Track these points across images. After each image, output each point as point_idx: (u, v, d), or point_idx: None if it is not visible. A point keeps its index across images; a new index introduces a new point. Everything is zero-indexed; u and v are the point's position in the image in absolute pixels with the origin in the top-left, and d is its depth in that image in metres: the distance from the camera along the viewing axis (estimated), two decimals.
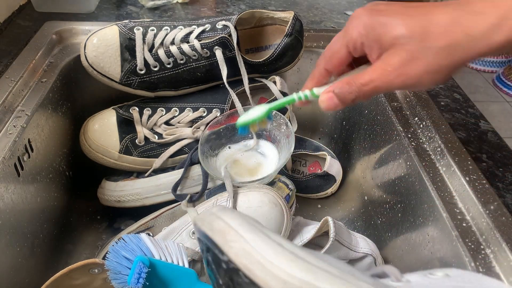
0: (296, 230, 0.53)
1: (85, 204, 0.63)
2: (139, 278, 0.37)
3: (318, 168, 0.69)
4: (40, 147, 0.53)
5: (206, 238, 0.23)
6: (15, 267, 0.46)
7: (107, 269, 0.40)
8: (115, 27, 0.56)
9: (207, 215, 0.25)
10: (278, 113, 0.56)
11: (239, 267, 0.20)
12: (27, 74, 0.56)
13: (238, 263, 0.20)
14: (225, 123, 0.57)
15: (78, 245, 0.59)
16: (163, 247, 0.42)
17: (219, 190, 0.52)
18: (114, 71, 0.56)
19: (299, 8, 0.83)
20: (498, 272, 0.38)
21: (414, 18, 0.31)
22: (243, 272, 0.20)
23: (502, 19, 0.28)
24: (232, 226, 0.22)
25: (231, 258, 0.20)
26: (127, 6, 0.79)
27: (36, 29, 0.67)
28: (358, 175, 0.66)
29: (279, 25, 0.63)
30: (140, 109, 0.58)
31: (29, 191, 0.50)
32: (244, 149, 0.58)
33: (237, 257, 0.20)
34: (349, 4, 0.86)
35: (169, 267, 0.40)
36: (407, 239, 0.50)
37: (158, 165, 0.58)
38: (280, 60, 0.60)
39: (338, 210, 0.67)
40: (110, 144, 0.57)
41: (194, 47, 0.56)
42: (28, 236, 0.49)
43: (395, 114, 0.56)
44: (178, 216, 0.51)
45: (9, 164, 0.45)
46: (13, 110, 0.51)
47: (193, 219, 0.30)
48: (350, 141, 0.70)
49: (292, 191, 0.53)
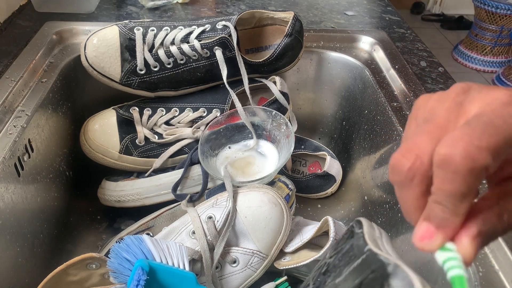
0: (296, 230, 0.53)
1: (85, 204, 0.63)
2: (138, 285, 0.37)
3: (318, 168, 0.69)
4: (40, 147, 0.53)
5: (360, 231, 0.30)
6: (15, 267, 0.46)
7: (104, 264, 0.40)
8: (115, 27, 0.56)
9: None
10: (278, 113, 0.56)
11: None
12: (27, 74, 0.56)
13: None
14: (225, 123, 0.57)
15: (78, 245, 0.59)
16: (164, 249, 0.42)
17: (219, 190, 0.52)
18: (114, 71, 0.56)
19: (299, 8, 0.83)
20: (498, 272, 0.38)
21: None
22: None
23: None
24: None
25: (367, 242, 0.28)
26: (127, 6, 0.79)
27: (36, 29, 0.67)
28: (358, 175, 0.66)
29: (279, 25, 0.63)
30: (140, 109, 0.58)
31: (29, 191, 0.50)
32: (244, 149, 0.58)
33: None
34: (349, 4, 0.86)
35: (168, 271, 0.41)
36: (407, 239, 0.50)
37: (158, 165, 0.58)
38: (280, 60, 0.60)
39: (338, 210, 0.67)
40: (110, 144, 0.57)
41: (194, 47, 0.56)
42: (28, 236, 0.49)
43: (395, 114, 0.56)
44: (178, 216, 0.51)
45: (9, 164, 0.45)
46: (13, 110, 0.51)
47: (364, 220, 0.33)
48: (350, 141, 0.70)
49: (292, 191, 0.53)
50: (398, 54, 0.68)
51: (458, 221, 0.20)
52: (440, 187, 0.20)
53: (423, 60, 0.68)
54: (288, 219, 0.48)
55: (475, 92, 0.21)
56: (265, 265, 0.48)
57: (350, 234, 0.31)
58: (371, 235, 0.29)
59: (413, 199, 0.21)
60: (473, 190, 0.19)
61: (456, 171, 0.18)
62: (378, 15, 0.82)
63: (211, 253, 0.45)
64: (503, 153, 0.19)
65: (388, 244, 0.30)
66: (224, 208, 0.47)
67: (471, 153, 0.18)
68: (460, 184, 0.19)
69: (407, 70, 0.64)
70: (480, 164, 0.18)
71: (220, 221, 0.46)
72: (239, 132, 0.58)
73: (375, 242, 0.28)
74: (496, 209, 0.20)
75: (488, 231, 0.20)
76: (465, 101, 0.21)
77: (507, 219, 0.20)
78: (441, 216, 0.20)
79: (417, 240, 0.21)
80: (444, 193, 0.19)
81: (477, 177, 0.18)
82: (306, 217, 0.59)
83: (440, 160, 0.19)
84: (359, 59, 0.68)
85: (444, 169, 0.19)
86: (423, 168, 0.20)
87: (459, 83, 0.22)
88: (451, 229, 0.20)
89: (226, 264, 0.47)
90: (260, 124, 0.58)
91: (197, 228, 0.45)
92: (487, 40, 2.30)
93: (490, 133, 0.18)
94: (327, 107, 0.75)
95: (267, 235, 0.47)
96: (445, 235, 0.20)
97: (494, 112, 0.19)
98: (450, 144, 0.19)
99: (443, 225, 0.20)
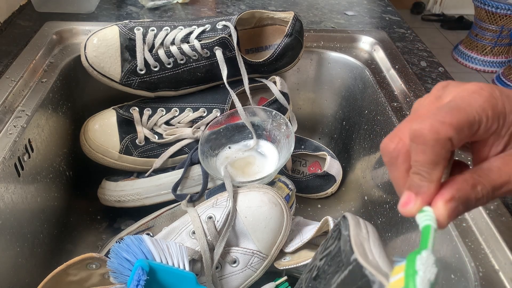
0: (296, 230, 0.53)
1: (85, 204, 0.63)
2: (138, 285, 0.37)
3: (318, 168, 0.69)
4: (40, 147, 0.53)
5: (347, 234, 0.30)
6: (15, 267, 0.46)
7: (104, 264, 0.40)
8: (115, 27, 0.56)
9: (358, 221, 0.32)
10: (278, 113, 0.56)
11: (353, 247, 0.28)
12: (27, 74, 0.56)
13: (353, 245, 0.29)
14: (225, 123, 0.57)
15: (78, 245, 0.59)
16: (164, 249, 0.42)
17: (219, 190, 0.52)
18: (114, 71, 0.56)
19: (299, 8, 0.83)
20: (498, 272, 0.38)
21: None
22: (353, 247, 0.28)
23: None
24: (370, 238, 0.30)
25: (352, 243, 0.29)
26: (127, 6, 0.79)
27: (36, 29, 0.67)
28: (358, 175, 0.66)
29: (279, 25, 0.63)
30: (140, 109, 0.58)
31: (29, 191, 0.50)
32: (244, 149, 0.58)
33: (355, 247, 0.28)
34: (349, 4, 0.86)
35: (168, 271, 0.41)
36: (407, 239, 0.50)
37: (158, 165, 0.58)
38: (280, 60, 0.60)
39: (338, 210, 0.67)
40: (110, 144, 0.57)
41: (194, 47, 0.56)
42: (28, 236, 0.49)
43: (395, 114, 0.56)
44: (178, 216, 0.51)
45: (10, 164, 0.45)
46: (13, 110, 0.51)
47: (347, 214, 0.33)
48: (350, 141, 0.70)
49: (292, 191, 0.53)
50: (398, 54, 0.68)
51: (433, 187, 0.24)
52: (415, 158, 0.23)
53: (423, 60, 0.68)
54: (288, 219, 0.48)
55: (452, 87, 0.25)
56: (265, 265, 0.48)
57: (338, 234, 0.31)
58: (358, 238, 0.29)
59: (400, 176, 0.25)
60: (442, 159, 0.23)
61: (425, 143, 0.22)
62: (378, 15, 0.82)
63: (211, 253, 0.45)
64: (467, 129, 0.22)
65: (376, 244, 0.29)
66: (224, 208, 0.47)
67: (435, 127, 0.22)
68: (430, 153, 0.23)
69: (407, 70, 0.64)
70: (444, 135, 0.22)
71: (220, 221, 0.46)
72: (239, 132, 0.58)
73: (361, 247, 0.28)
74: (470, 180, 0.24)
75: (461, 197, 0.23)
76: (443, 95, 0.25)
77: (481, 190, 0.23)
78: (418, 183, 0.24)
79: (400, 207, 0.25)
80: (418, 163, 0.23)
81: (443, 146, 0.22)
82: (306, 217, 0.59)
83: (412, 135, 0.23)
84: (359, 59, 0.68)
85: (415, 142, 0.23)
86: (405, 148, 0.24)
87: (441, 82, 0.26)
88: (427, 194, 0.24)
89: (226, 264, 0.47)
90: (260, 124, 0.58)
91: (197, 228, 0.45)
92: (487, 40, 2.30)
93: (454, 113, 0.22)
94: (327, 107, 0.75)
95: (267, 235, 0.47)
96: (422, 200, 0.24)
97: (461, 98, 0.23)
98: (420, 121, 0.23)
99: (420, 191, 0.24)
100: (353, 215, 0.32)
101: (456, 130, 0.22)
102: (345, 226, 0.31)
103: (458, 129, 0.22)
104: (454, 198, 0.23)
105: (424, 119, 0.23)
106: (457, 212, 0.23)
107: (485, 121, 0.23)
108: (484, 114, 0.23)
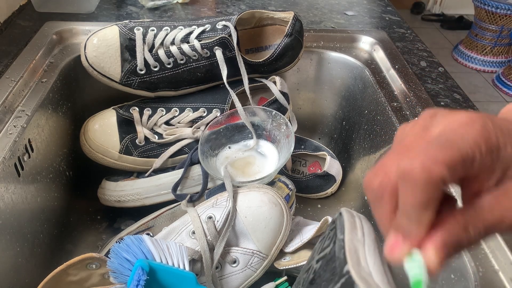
0: (296, 230, 0.53)
1: (85, 204, 0.63)
2: (138, 285, 0.37)
3: (318, 168, 0.69)
4: (40, 147, 0.53)
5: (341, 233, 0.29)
6: (15, 267, 0.46)
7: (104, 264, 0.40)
8: (115, 27, 0.56)
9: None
10: (278, 113, 0.56)
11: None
12: (27, 74, 0.56)
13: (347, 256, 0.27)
14: (225, 123, 0.57)
15: (78, 245, 0.59)
16: (164, 249, 0.42)
17: (219, 190, 0.52)
18: (114, 71, 0.56)
19: (299, 8, 0.83)
20: (498, 272, 0.38)
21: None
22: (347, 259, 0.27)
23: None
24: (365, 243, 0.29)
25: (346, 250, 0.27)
26: (127, 6, 0.79)
27: (36, 29, 0.67)
28: (358, 175, 0.66)
29: (279, 25, 0.63)
30: (140, 109, 0.58)
31: (29, 191, 0.50)
32: (244, 149, 0.58)
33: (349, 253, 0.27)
34: (349, 4, 0.86)
35: (168, 271, 0.41)
36: None
37: (158, 165, 0.58)
38: (280, 60, 0.60)
39: (338, 210, 0.67)
40: (110, 144, 0.57)
41: (194, 47, 0.56)
42: (28, 236, 0.49)
43: (395, 114, 0.56)
44: (178, 216, 0.51)
45: (9, 164, 0.45)
46: (13, 110, 0.51)
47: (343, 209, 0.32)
48: (350, 141, 0.70)
49: (292, 191, 0.53)
50: (398, 54, 0.68)
51: (422, 230, 0.21)
52: (403, 199, 0.21)
53: (423, 60, 0.68)
54: (288, 219, 0.48)
55: (440, 117, 0.23)
56: (265, 265, 0.48)
57: (333, 236, 0.30)
58: (352, 244, 0.28)
59: (386, 215, 0.23)
60: (433, 201, 0.21)
61: (415, 183, 0.20)
62: (378, 15, 0.82)
63: (211, 253, 0.45)
64: (460, 166, 0.20)
65: (371, 249, 0.28)
66: (224, 208, 0.47)
67: (427, 166, 0.20)
68: (420, 195, 0.20)
69: (407, 70, 0.64)
70: (436, 176, 0.20)
71: (220, 221, 0.46)
72: (239, 132, 0.58)
73: (355, 254, 0.27)
74: (461, 221, 0.21)
75: (453, 241, 0.21)
76: (431, 125, 0.23)
77: (473, 231, 0.21)
78: (406, 226, 0.22)
79: (387, 252, 0.23)
80: (407, 204, 0.21)
81: (435, 188, 0.20)
82: (306, 217, 0.59)
83: (401, 173, 0.21)
84: (359, 59, 0.68)
85: (405, 182, 0.21)
86: (391, 185, 0.22)
87: (428, 110, 0.24)
88: (416, 238, 0.22)
89: (226, 264, 0.47)
90: (260, 124, 0.58)
91: (197, 228, 0.45)
92: (487, 40, 2.30)
93: (446, 149, 0.20)
94: (327, 107, 0.75)
95: (267, 235, 0.47)
96: (410, 244, 0.22)
97: (452, 131, 0.21)
98: (410, 158, 0.20)
99: (408, 234, 0.22)
100: (349, 212, 0.32)
101: (449, 169, 0.20)
102: (340, 227, 0.30)
103: (451, 167, 0.20)
104: (445, 244, 0.21)
105: (414, 156, 0.20)
106: (449, 257, 0.22)
107: (479, 157, 0.21)
108: (477, 149, 0.20)
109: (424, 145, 0.21)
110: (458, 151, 0.20)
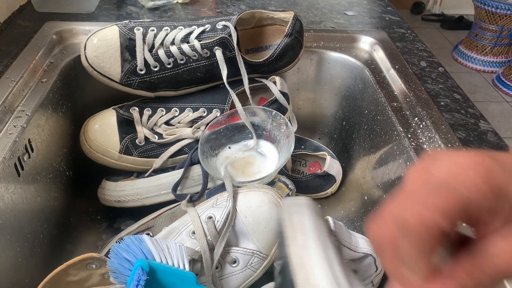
0: None
1: (85, 204, 0.63)
2: (138, 285, 0.37)
3: (318, 168, 0.69)
4: (40, 147, 0.53)
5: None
6: (15, 267, 0.46)
7: (104, 264, 0.40)
8: (115, 27, 0.56)
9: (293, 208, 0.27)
10: (278, 113, 0.56)
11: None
12: (27, 74, 0.56)
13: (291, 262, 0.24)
14: (225, 123, 0.57)
15: (78, 245, 0.59)
16: (164, 249, 0.42)
17: (219, 190, 0.52)
18: (114, 71, 0.56)
19: (299, 8, 0.83)
20: None
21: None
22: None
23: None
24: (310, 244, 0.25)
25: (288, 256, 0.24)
26: (127, 6, 0.79)
27: (36, 29, 0.67)
28: (358, 175, 0.66)
29: (279, 25, 0.63)
30: (140, 109, 0.58)
31: (29, 191, 0.50)
32: (244, 149, 0.58)
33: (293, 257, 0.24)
34: (349, 4, 0.86)
35: (168, 271, 0.41)
36: None
37: (158, 165, 0.58)
38: (280, 60, 0.60)
39: (338, 210, 0.67)
40: (110, 144, 0.57)
41: (194, 47, 0.56)
42: (28, 236, 0.49)
43: (395, 114, 0.56)
44: (178, 216, 0.51)
45: (9, 164, 0.45)
46: (13, 110, 0.51)
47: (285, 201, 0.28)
48: (350, 141, 0.70)
49: (292, 191, 0.53)
50: (398, 54, 0.68)
51: (422, 279, 0.21)
52: (401, 248, 0.21)
53: (423, 60, 0.68)
54: None
55: (444, 159, 0.22)
56: (265, 265, 0.48)
57: (282, 243, 0.26)
58: (296, 255, 0.24)
59: (392, 265, 0.22)
60: (431, 247, 0.20)
61: (409, 231, 0.20)
62: (378, 15, 0.82)
63: (211, 253, 0.45)
64: (458, 211, 0.20)
65: (316, 252, 0.24)
66: (224, 208, 0.47)
67: (420, 212, 0.20)
68: (415, 243, 0.20)
69: (407, 70, 0.64)
70: (430, 223, 0.20)
71: (220, 221, 0.46)
72: (239, 132, 0.58)
73: (304, 269, 0.23)
74: (469, 269, 0.21)
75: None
76: (433, 167, 0.22)
77: (483, 279, 0.21)
78: (405, 275, 0.21)
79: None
80: (405, 254, 0.21)
81: (430, 235, 0.20)
82: None
83: (398, 224, 0.21)
84: (359, 59, 0.68)
85: (401, 231, 0.21)
86: (392, 235, 0.22)
87: (434, 152, 0.24)
88: (415, 287, 0.21)
89: (226, 264, 0.47)
90: (260, 124, 0.58)
91: (197, 228, 0.45)
92: (487, 40, 2.30)
93: (445, 195, 0.20)
94: (327, 107, 0.75)
95: (267, 235, 0.47)
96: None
97: (453, 176, 0.20)
98: (407, 207, 0.20)
99: (406, 283, 0.22)
100: (288, 207, 0.27)
101: (444, 216, 0.19)
102: (282, 234, 0.26)
103: (447, 214, 0.20)
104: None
105: (412, 205, 0.20)
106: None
107: (482, 202, 0.20)
108: (480, 194, 0.20)
109: (422, 192, 0.21)
110: (455, 196, 0.20)
